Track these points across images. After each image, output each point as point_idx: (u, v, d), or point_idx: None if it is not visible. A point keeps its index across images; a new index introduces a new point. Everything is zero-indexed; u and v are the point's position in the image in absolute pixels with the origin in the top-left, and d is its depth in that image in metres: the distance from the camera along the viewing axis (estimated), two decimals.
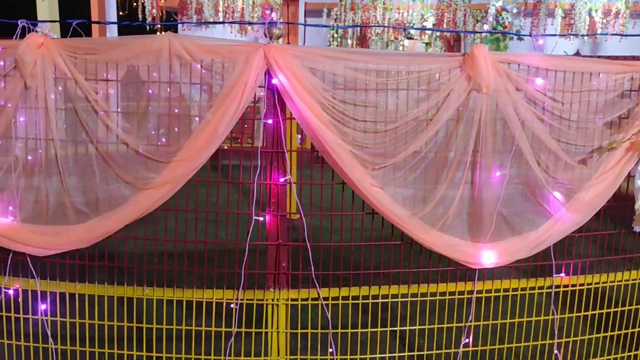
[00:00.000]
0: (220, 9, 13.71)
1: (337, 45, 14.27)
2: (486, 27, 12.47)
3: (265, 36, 2.44)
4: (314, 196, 2.78)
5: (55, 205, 2.52)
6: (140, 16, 13.31)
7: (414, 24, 14.11)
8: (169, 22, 15.38)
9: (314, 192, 2.74)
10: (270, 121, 2.49)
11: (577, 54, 12.85)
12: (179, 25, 15.66)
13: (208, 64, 2.42)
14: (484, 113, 2.52)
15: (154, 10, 13.63)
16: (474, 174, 2.60)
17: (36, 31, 2.34)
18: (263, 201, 2.58)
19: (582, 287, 2.93)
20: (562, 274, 2.84)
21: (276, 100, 2.47)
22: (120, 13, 13.64)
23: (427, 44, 14.63)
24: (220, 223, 2.70)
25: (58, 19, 12.22)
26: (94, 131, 2.45)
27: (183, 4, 14.02)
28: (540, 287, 2.88)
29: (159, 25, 14.26)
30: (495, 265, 2.67)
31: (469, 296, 2.78)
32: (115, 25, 14.50)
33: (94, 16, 13.02)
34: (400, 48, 15.02)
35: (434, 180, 2.58)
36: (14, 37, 2.45)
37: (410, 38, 14.80)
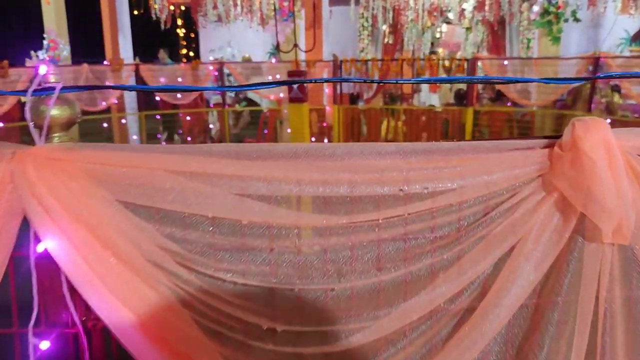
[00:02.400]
0: (238, 1, 12.55)
1: (368, 35, 12.69)
2: (536, 8, 10.64)
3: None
4: None
5: None
6: (154, 15, 12.31)
7: (451, 8, 12.44)
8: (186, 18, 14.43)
9: None
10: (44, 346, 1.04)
11: None
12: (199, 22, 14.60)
13: None
14: (603, 287, 1.03)
15: (171, 7, 12.60)
16: None
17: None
18: None
19: None
20: None
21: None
22: (135, 12, 12.78)
23: (467, 28, 12.87)
24: None
25: (65, 21, 11.34)
26: None
27: None
28: None
29: (179, 22, 13.45)
30: None
31: None
32: (129, 27, 13.72)
33: (105, 17, 12.36)
34: (437, 35, 13.34)
35: None
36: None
37: (448, 22, 13.11)
